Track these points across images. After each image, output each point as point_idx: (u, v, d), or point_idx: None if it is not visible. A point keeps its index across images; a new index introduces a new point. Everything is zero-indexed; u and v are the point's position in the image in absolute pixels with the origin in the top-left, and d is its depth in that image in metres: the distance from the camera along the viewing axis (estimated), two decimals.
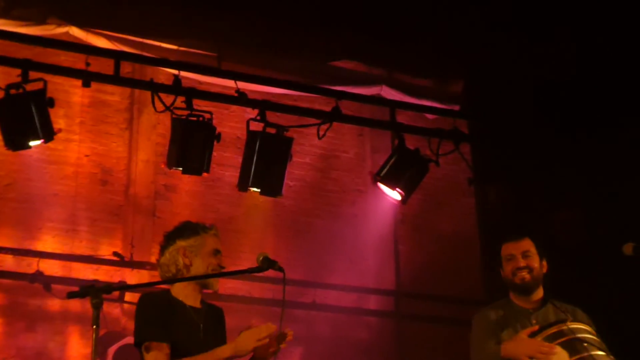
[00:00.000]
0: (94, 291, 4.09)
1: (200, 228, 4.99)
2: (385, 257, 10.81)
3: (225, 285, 9.16)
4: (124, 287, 8.83)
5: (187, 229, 4.99)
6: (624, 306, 7.28)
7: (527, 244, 5.50)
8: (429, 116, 9.98)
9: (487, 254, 10.58)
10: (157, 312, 4.74)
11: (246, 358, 4.71)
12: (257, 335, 4.60)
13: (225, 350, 4.67)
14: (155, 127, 9.96)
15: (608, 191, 8.37)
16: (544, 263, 5.52)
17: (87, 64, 7.90)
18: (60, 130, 8.12)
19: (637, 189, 8.12)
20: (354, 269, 10.50)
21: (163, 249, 4.98)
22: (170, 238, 4.98)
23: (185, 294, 4.88)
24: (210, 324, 4.89)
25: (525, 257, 5.44)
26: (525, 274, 5.39)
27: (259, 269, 4.70)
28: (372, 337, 10.54)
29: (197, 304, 4.93)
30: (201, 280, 4.89)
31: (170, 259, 4.93)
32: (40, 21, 8.26)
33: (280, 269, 4.68)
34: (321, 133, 8.52)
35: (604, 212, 5.36)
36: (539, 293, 5.46)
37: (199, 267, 4.90)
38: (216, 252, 4.96)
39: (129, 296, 9.29)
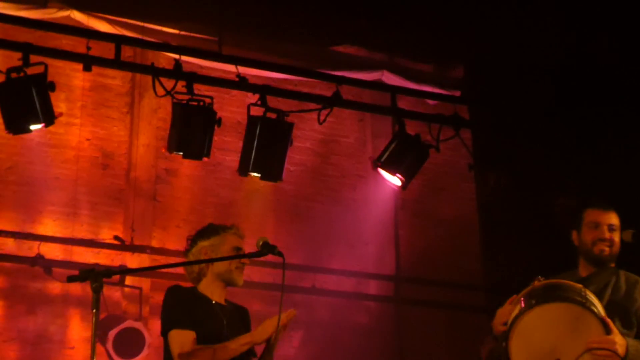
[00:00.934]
0: (94, 275, 4.10)
1: (221, 228, 5.12)
2: (385, 242, 10.82)
3: None
4: (124, 271, 8.86)
5: (208, 230, 5.12)
6: None
7: (614, 217, 5.25)
8: (430, 102, 9.99)
9: (486, 239, 10.61)
10: (183, 303, 4.85)
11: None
12: (275, 322, 4.71)
13: (244, 337, 4.74)
14: (156, 112, 9.95)
15: (607, 177, 8.39)
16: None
17: (88, 48, 7.90)
18: (61, 114, 8.13)
19: (636, 175, 8.14)
20: (353, 254, 10.52)
21: (187, 252, 5.11)
22: (193, 240, 5.12)
23: (210, 290, 4.98)
24: (235, 322, 4.97)
25: (610, 230, 5.20)
26: (605, 247, 5.16)
27: (258, 254, 4.75)
28: (372, 322, 10.56)
29: (222, 301, 5.00)
30: (223, 276, 4.99)
31: (193, 260, 5.02)
32: (42, 4, 8.25)
33: (280, 254, 4.72)
34: (322, 118, 8.53)
35: (603, 198, 5.34)
36: (611, 265, 5.23)
37: (219, 266, 4.98)
38: (237, 250, 5.05)
39: (129, 280, 9.32)
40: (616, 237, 5.20)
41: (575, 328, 4.52)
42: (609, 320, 4.50)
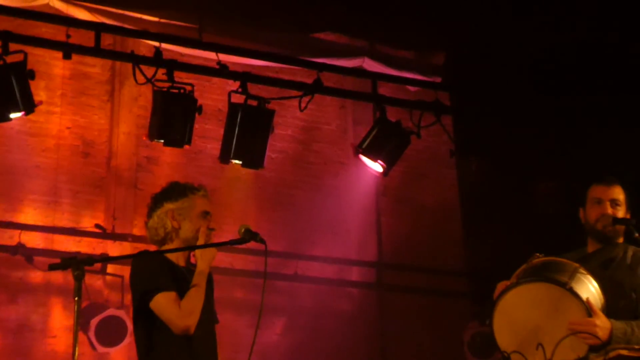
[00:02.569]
0: (75, 263, 4.10)
1: (189, 189, 4.98)
2: (367, 229, 10.83)
3: None
4: (105, 259, 8.84)
5: (175, 191, 4.98)
6: None
7: (618, 192, 5.15)
8: (411, 88, 9.99)
9: (468, 225, 10.65)
10: (158, 267, 4.77)
11: None
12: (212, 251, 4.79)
13: (200, 276, 4.73)
14: (136, 100, 9.92)
15: (588, 162, 8.43)
16: (628, 215, 5.16)
17: (68, 36, 7.85)
18: (41, 102, 8.09)
19: (618, 158, 8.17)
20: (336, 241, 10.53)
21: (151, 211, 4.98)
22: (158, 200, 4.98)
23: (176, 256, 4.90)
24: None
25: (613, 206, 5.10)
26: (605, 222, 5.08)
27: (240, 241, 4.73)
28: (354, 308, 10.58)
29: (188, 265, 4.95)
30: (191, 241, 4.91)
31: (159, 222, 4.93)
32: None
33: (262, 241, 4.70)
34: (303, 105, 8.52)
35: (584, 184, 5.34)
36: (619, 241, 5.15)
37: (187, 230, 4.90)
38: (205, 214, 4.95)
39: (111, 268, 9.30)
40: (620, 212, 5.11)
41: (556, 309, 4.53)
42: (591, 303, 4.50)
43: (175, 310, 4.62)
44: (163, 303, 4.65)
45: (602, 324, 4.50)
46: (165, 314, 4.64)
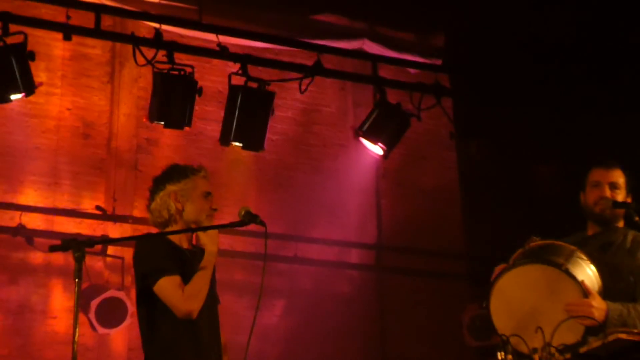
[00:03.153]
0: (76, 244, 4.11)
1: (190, 170, 5.00)
2: (366, 211, 10.84)
3: None
4: (106, 240, 8.85)
5: (176, 172, 4.99)
6: None
7: (617, 175, 5.10)
8: (411, 70, 9.98)
9: (468, 207, 10.66)
10: (162, 250, 4.78)
11: None
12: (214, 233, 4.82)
13: (210, 257, 4.75)
14: (136, 81, 9.92)
15: (588, 144, 8.44)
16: (629, 199, 5.10)
17: (68, 17, 7.84)
18: (41, 83, 8.10)
19: (617, 141, 8.18)
20: (335, 223, 10.54)
21: (153, 194, 4.99)
22: (159, 182, 5.00)
23: (179, 237, 4.91)
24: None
25: (612, 189, 5.06)
26: (604, 205, 5.04)
27: (241, 223, 4.74)
28: (354, 290, 10.60)
29: (190, 247, 4.96)
30: (194, 222, 4.92)
31: (162, 204, 4.93)
32: None
33: (262, 223, 4.71)
34: (303, 87, 8.52)
35: (584, 167, 5.34)
36: (618, 225, 5.11)
37: (191, 211, 4.92)
38: (207, 195, 4.97)
39: (111, 249, 9.32)
40: (619, 196, 5.07)
41: (553, 290, 4.54)
42: (587, 284, 4.51)
43: (178, 295, 4.63)
44: (167, 287, 4.66)
45: (598, 305, 4.51)
46: (168, 298, 4.65)
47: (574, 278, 4.50)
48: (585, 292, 4.48)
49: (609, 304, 4.58)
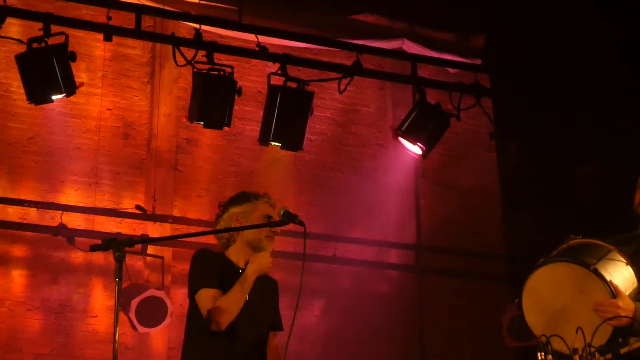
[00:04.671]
0: (116, 244, 4.12)
1: (252, 196, 5.13)
2: (406, 211, 10.82)
3: None
4: (146, 240, 8.89)
5: (240, 197, 5.14)
6: None
7: None
8: (451, 70, 9.96)
9: (507, 208, 10.60)
10: (210, 266, 4.90)
11: None
12: (266, 256, 4.86)
13: (244, 278, 4.78)
14: (176, 81, 9.97)
15: (631, 145, 8.35)
16: None
17: (109, 18, 7.89)
18: (82, 84, 8.15)
19: None
20: (374, 223, 10.53)
21: (218, 218, 5.13)
22: (224, 207, 5.14)
23: (237, 257, 5.01)
24: (259, 290, 4.96)
25: None
26: None
27: (279, 223, 4.76)
28: (393, 291, 10.59)
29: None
30: (252, 243, 5.00)
31: (224, 225, 5.08)
32: None
33: (301, 223, 4.73)
34: (342, 87, 8.51)
35: (625, 168, 5.29)
36: None
37: (250, 233, 4.98)
38: (268, 218, 5.05)
39: (151, 249, 9.37)
40: None
41: (582, 290, 4.52)
42: (615, 284, 4.47)
43: (209, 306, 4.71)
44: (203, 298, 4.77)
45: (625, 306, 4.46)
46: (201, 309, 4.77)
47: (602, 278, 4.47)
48: (613, 292, 4.45)
49: (638, 305, 4.54)
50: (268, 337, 5.01)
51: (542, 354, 4.23)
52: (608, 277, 4.48)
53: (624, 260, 4.64)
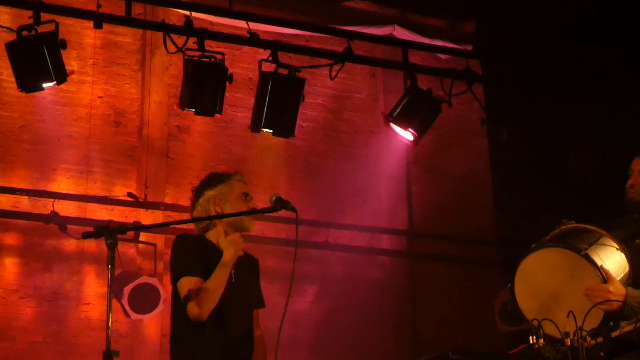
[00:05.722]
0: (108, 231, 4.13)
1: (225, 176, 5.11)
2: (397, 198, 10.84)
3: None
4: (138, 227, 8.90)
5: (212, 179, 5.11)
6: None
7: None
8: (442, 56, 9.94)
9: (499, 193, 10.63)
10: (192, 251, 4.87)
11: None
12: (237, 238, 4.87)
13: (222, 265, 4.77)
14: (167, 69, 9.96)
15: (622, 131, 8.37)
16: None
17: (99, 5, 7.88)
18: (72, 72, 8.15)
19: None
20: (366, 209, 10.54)
21: (194, 203, 5.12)
22: (198, 191, 5.11)
23: (216, 238, 4.97)
24: (243, 270, 4.97)
25: None
26: (634, 193, 5.03)
27: (272, 209, 4.76)
28: (385, 277, 10.61)
29: None
30: (234, 224, 5.00)
31: (202, 210, 5.06)
32: None
33: (293, 209, 4.74)
34: (333, 74, 8.49)
35: (616, 152, 5.31)
36: None
37: (229, 212, 4.97)
38: (245, 196, 5.06)
39: (143, 236, 9.37)
40: None
41: (573, 275, 4.54)
42: (606, 270, 4.49)
43: (189, 296, 4.72)
44: (183, 287, 4.77)
45: (616, 290, 4.48)
46: (182, 298, 4.77)
47: (593, 263, 4.49)
48: (604, 277, 4.47)
49: (629, 290, 4.56)
50: (252, 316, 5.01)
51: (534, 337, 4.25)
52: (599, 262, 4.51)
53: (616, 246, 4.66)
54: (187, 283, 4.75)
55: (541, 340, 4.21)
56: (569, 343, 4.19)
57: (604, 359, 4.33)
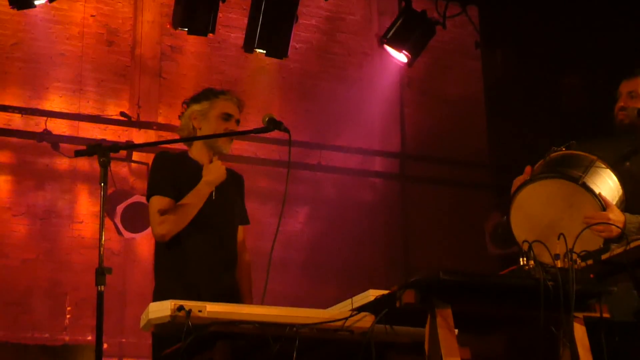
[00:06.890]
0: (101, 149, 4.12)
1: (213, 93, 5.08)
2: (390, 120, 10.83)
3: (232, 147, 9.20)
4: (130, 146, 8.90)
5: (202, 94, 5.10)
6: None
7: (636, 83, 4.97)
8: None
9: (492, 117, 10.63)
10: (168, 170, 4.86)
11: None
12: (219, 165, 4.85)
13: (202, 186, 4.79)
14: None
15: (615, 55, 8.35)
16: None
17: None
18: None
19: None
20: (359, 131, 10.54)
21: (181, 115, 5.12)
22: (187, 103, 5.11)
23: (200, 155, 4.97)
24: (225, 186, 4.96)
25: (630, 97, 4.95)
26: (621, 115, 4.95)
27: (264, 130, 4.73)
28: (377, 198, 10.65)
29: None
30: (209, 142, 4.96)
31: (184, 123, 5.06)
32: None
33: (286, 130, 4.71)
34: None
35: (608, 77, 5.28)
36: None
37: (206, 130, 4.97)
38: (227, 116, 5.01)
39: (136, 155, 9.38)
40: (637, 103, 4.94)
41: (571, 204, 4.54)
42: (604, 197, 4.50)
43: (155, 217, 4.75)
44: (152, 206, 4.81)
45: (616, 217, 4.49)
46: (150, 215, 4.81)
47: (591, 191, 4.49)
48: (603, 204, 4.48)
49: (628, 216, 4.58)
50: (237, 233, 5.04)
51: (524, 259, 4.28)
52: (597, 190, 4.51)
53: (608, 170, 4.66)
54: (156, 203, 4.78)
55: (531, 262, 4.24)
56: (559, 265, 4.22)
57: (594, 281, 4.36)
